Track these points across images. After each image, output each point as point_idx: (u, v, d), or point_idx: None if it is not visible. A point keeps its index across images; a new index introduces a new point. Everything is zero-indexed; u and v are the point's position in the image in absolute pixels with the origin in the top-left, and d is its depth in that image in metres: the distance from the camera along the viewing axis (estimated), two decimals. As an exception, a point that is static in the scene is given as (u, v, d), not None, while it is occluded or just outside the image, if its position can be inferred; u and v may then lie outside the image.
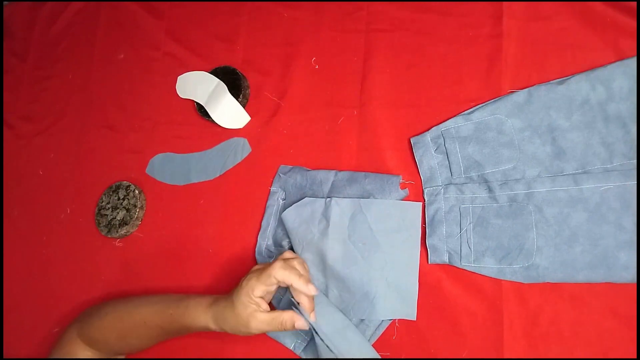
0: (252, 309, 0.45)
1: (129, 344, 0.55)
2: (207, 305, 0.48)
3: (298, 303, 0.45)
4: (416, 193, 0.53)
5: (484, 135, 0.51)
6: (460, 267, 0.49)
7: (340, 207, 0.53)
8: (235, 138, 0.64)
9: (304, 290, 0.46)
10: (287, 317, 0.45)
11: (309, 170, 0.57)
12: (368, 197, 0.53)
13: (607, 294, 0.45)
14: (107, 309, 0.55)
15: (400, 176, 0.53)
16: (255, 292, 0.46)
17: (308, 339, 0.52)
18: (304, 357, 0.52)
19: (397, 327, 0.50)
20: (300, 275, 0.45)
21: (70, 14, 0.82)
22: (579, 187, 0.46)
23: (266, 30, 0.67)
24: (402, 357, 0.50)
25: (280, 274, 0.45)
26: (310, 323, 0.46)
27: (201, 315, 0.48)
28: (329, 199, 0.54)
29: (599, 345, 0.45)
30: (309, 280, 0.46)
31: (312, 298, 0.47)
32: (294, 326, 0.45)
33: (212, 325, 0.48)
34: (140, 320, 0.52)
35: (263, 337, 0.54)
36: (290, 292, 0.46)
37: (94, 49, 0.78)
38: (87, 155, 0.73)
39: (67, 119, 0.76)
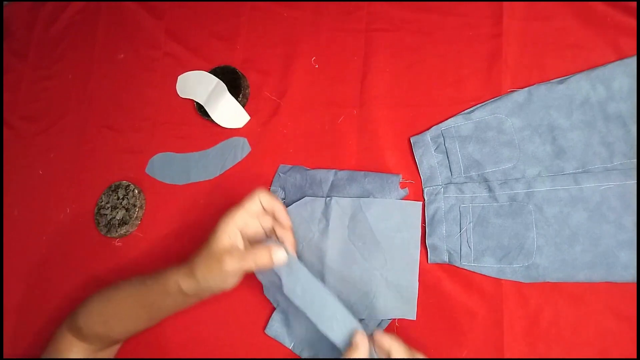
0: (228, 243, 0.43)
1: (113, 329, 0.52)
2: (180, 265, 0.46)
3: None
4: (416, 192, 0.53)
5: (484, 134, 0.51)
6: (460, 266, 0.49)
7: (340, 207, 0.53)
8: (235, 138, 0.64)
9: (284, 219, 0.45)
10: (264, 249, 0.42)
11: (308, 170, 0.57)
12: (368, 197, 0.53)
13: (607, 294, 0.45)
14: (92, 296, 0.54)
15: (400, 175, 0.53)
16: (237, 219, 0.43)
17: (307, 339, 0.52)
18: (303, 357, 0.52)
19: (397, 326, 0.50)
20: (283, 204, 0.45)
21: (70, 14, 0.82)
22: (579, 186, 0.46)
23: (266, 30, 0.67)
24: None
25: (265, 197, 0.44)
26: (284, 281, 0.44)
27: (173, 275, 0.46)
28: (328, 198, 0.54)
29: (599, 345, 0.45)
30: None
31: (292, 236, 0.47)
32: (271, 260, 0.42)
33: (184, 282, 0.44)
34: (121, 299, 0.50)
35: (263, 337, 0.54)
36: (275, 235, 0.46)
37: (94, 49, 0.78)
38: (87, 155, 0.73)
39: (67, 119, 0.76)
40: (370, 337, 0.42)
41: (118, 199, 0.66)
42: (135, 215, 0.64)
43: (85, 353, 0.54)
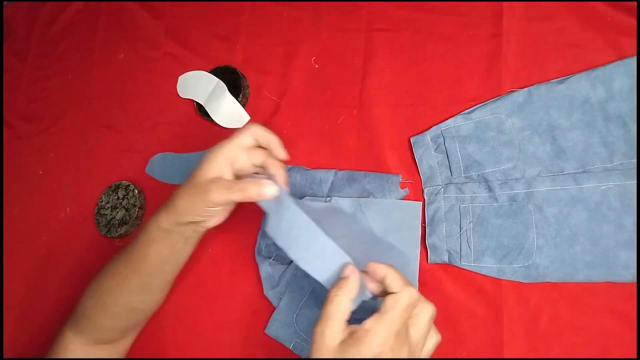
0: (215, 174, 0.40)
1: (106, 306, 0.49)
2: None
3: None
4: (416, 192, 0.53)
5: (483, 134, 0.51)
6: (460, 266, 0.49)
7: (340, 207, 0.53)
8: (235, 138, 0.64)
9: (280, 151, 0.42)
10: (254, 181, 0.39)
11: (308, 170, 0.57)
12: (368, 197, 0.53)
13: (607, 294, 0.45)
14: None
15: (400, 175, 0.53)
16: (225, 151, 0.41)
17: (308, 339, 0.52)
18: (303, 357, 0.52)
19: (397, 326, 0.50)
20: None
21: (70, 14, 0.82)
22: (579, 186, 0.46)
23: (266, 30, 0.67)
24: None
25: (258, 129, 0.42)
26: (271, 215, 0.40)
27: (153, 216, 0.43)
28: (328, 198, 0.54)
29: (599, 345, 0.44)
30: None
31: (285, 170, 0.43)
32: (260, 194, 0.39)
33: (163, 217, 0.42)
34: (110, 269, 0.49)
35: (263, 337, 0.54)
36: (266, 172, 0.43)
37: (94, 49, 0.78)
38: (87, 155, 0.73)
39: (67, 119, 0.76)
40: (363, 272, 0.36)
41: (118, 199, 0.66)
42: (135, 215, 0.64)
43: (82, 349, 0.51)
